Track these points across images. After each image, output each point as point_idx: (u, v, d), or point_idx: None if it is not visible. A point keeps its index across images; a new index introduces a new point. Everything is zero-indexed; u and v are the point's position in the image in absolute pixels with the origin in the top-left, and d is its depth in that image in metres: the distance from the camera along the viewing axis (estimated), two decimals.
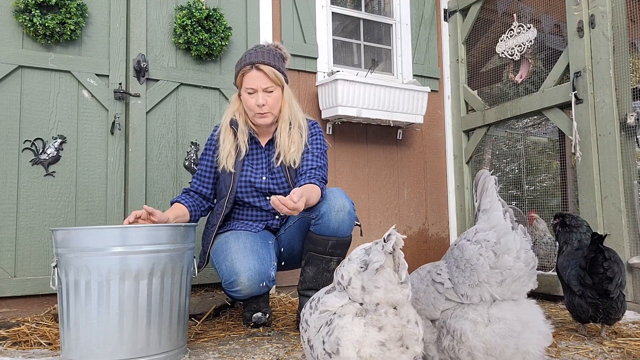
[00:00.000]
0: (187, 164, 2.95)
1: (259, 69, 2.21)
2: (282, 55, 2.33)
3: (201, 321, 2.42)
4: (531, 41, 3.25)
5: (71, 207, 2.65)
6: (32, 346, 2.05)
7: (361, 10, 3.68)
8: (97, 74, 2.73)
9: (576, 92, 2.83)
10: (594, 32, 2.78)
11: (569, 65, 2.92)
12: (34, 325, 2.28)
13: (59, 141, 2.64)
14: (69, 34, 2.62)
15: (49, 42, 2.63)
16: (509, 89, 3.50)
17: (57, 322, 2.28)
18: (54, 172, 2.62)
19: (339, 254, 2.19)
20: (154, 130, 2.88)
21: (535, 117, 3.87)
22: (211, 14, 2.94)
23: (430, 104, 3.65)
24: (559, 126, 3.07)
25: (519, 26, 3.33)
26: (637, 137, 2.65)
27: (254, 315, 2.31)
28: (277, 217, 2.36)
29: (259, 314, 2.31)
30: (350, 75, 3.30)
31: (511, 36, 3.38)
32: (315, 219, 2.14)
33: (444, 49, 3.92)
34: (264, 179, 2.30)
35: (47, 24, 2.54)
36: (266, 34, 3.21)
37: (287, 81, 2.33)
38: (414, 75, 3.72)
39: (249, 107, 2.27)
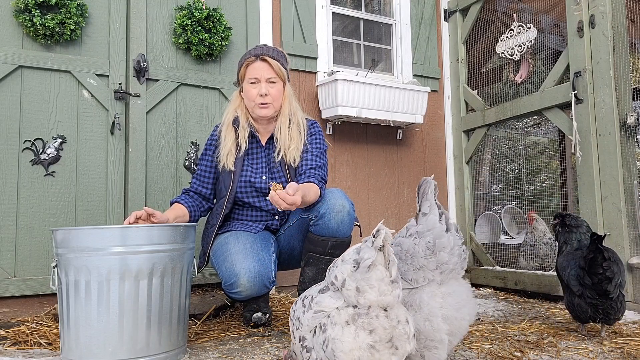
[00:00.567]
0: (187, 164, 2.95)
1: (264, 60, 2.24)
2: (285, 55, 2.37)
3: (201, 321, 2.42)
4: (531, 41, 3.25)
5: (71, 207, 2.65)
6: (32, 346, 2.05)
7: (361, 10, 3.68)
8: (97, 74, 2.74)
9: (576, 92, 2.83)
10: (594, 32, 2.78)
11: (569, 65, 2.92)
12: (34, 325, 2.28)
13: (59, 141, 2.64)
14: (69, 34, 2.63)
15: (49, 42, 2.63)
16: (509, 89, 3.50)
17: (57, 322, 2.28)
18: (54, 172, 2.62)
19: (338, 254, 2.16)
20: (154, 130, 2.88)
21: (535, 117, 3.87)
22: (211, 14, 2.94)
23: (430, 104, 3.65)
24: (559, 126, 3.07)
25: (519, 26, 3.33)
26: (637, 137, 2.65)
27: (254, 315, 2.31)
28: (276, 218, 2.36)
29: (259, 314, 2.31)
30: (350, 75, 3.30)
31: (511, 36, 3.38)
32: (314, 220, 2.14)
33: (444, 49, 3.92)
34: (264, 178, 2.30)
35: (47, 24, 2.55)
36: (266, 34, 3.21)
37: (289, 80, 2.36)
38: (414, 75, 3.72)
39: (250, 97, 2.27)
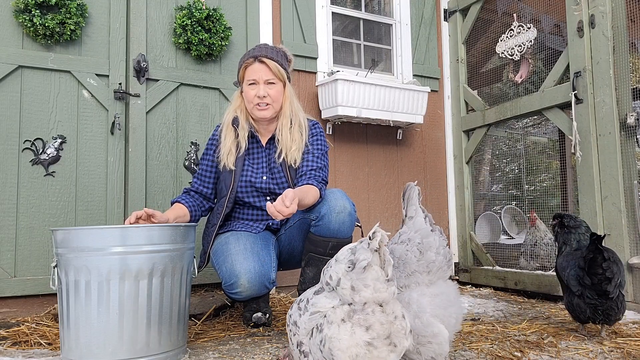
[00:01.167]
0: (187, 164, 2.95)
1: (262, 62, 2.23)
2: (286, 55, 2.35)
3: (201, 321, 2.42)
4: (531, 41, 3.25)
5: (71, 207, 2.65)
6: (32, 346, 2.05)
7: (361, 10, 3.68)
8: (97, 74, 2.73)
9: (576, 92, 2.83)
10: (594, 32, 2.78)
11: (569, 65, 2.92)
12: (34, 325, 2.28)
13: (59, 141, 2.64)
14: (69, 34, 2.63)
15: (49, 42, 2.63)
16: (509, 89, 3.50)
17: (57, 322, 2.28)
18: (54, 172, 2.62)
19: None
20: (154, 130, 2.88)
21: (535, 117, 3.88)
22: (211, 14, 2.94)
23: (430, 104, 3.65)
24: (559, 126, 3.07)
25: (519, 26, 3.33)
26: (637, 137, 2.65)
27: (254, 315, 2.31)
28: None
29: (259, 314, 2.31)
30: (350, 75, 3.30)
31: (511, 36, 3.38)
32: (315, 220, 2.14)
33: (444, 49, 3.92)
34: (265, 178, 2.30)
35: (47, 24, 2.54)
36: (266, 34, 3.21)
37: (289, 80, 2.34)
38: (414, 75, 3.72)
39: (249, 99, 2.27)
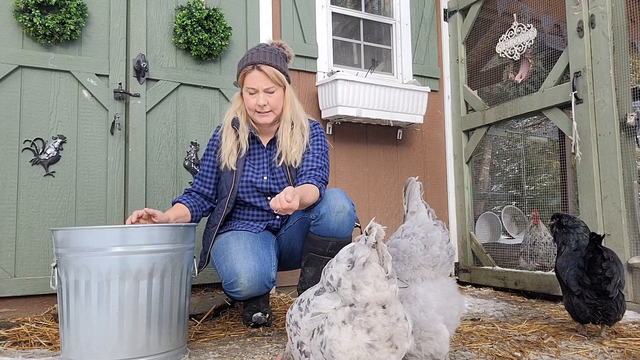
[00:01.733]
0: (187, 164, 2.95)
1: (260, 70, 2.22)
2: (285, 55, 2.33)
3: (201, 321, 2.42)
4: (531, 41, 3.25)
5: (71, 207, 2.65)
6: (32, 346, 2.05)
7: (361, 10, 3.68)
8: (97, 74, 2.74)
9: (576, 92, 2.83)
10: (594, 32, 2.78)
11: (569, 65, 2.92)
12: (34, 325, 2.28)
13: (59, 141, 2.64)
14: (69, 34, 2.63)
15: (49, 42, 2.63)
16: (509, 89, 3.50)
17: (57, 322, 2.28)
18: (54, 172, 2.62)
19: None
20: (154, 130, 2.88)
21: (535, 117, 3.88)
22: (211, 14, 2.94)
23: (430, 104, 3.65)
24: (559, 126, 3.07)
25: (519, 26, 3.33)
26: (637, 137, 2.64)
27: (254, 315, 2.31)
28: (277, 217, 2.36)
29: (259, 314, 2.31)
30: (350, 75, 3.30)
31: (511, 36, 3.38)
32: (315, 220, 2.14)
33: (444, 49, 3.92)
34: (265, 178, 2.30)
35: (47, 24, 2.54)
36: (266, 34, 3.21)
37: (289, 81, 2.33)
38: (414, 75, 3.72)
39: (250, 106, 2.28)
